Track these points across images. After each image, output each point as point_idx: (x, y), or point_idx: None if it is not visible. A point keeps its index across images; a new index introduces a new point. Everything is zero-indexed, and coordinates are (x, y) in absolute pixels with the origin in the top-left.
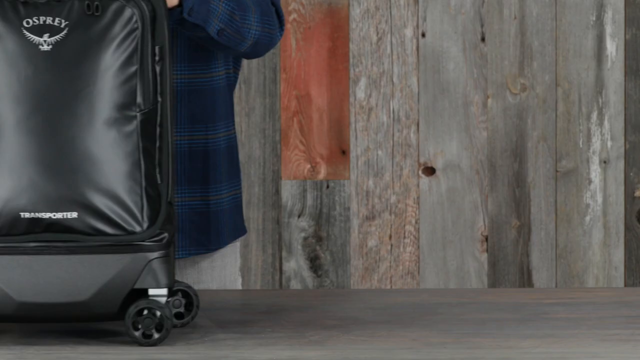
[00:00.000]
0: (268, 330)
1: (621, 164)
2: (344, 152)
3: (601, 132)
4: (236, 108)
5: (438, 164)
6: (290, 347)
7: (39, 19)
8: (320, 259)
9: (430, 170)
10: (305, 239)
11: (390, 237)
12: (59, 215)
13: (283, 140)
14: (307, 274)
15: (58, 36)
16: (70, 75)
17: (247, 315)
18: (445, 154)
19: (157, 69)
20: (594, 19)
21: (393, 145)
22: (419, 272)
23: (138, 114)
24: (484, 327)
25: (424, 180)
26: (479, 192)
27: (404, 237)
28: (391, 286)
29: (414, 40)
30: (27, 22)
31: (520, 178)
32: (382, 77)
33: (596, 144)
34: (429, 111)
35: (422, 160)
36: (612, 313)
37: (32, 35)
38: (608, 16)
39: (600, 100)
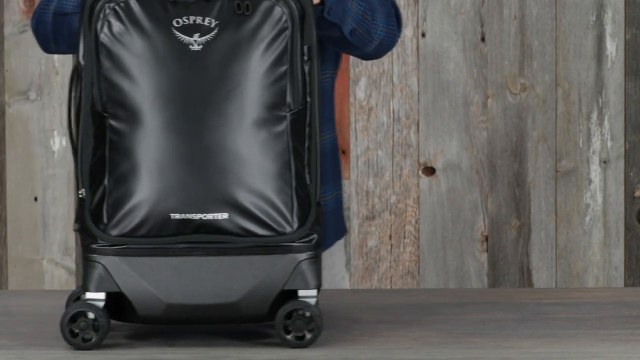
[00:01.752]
0: (268, 330)
1: (621, 164)
2: (344, 152)
3: (601, 132)
4: None
5: (438, 164)
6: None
7: (188, 19)
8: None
9: (430, 170)
10: None
11: (390, 237)
12: (209, 216)
13: None
14: None
15: (208, 36)
16: (220, 76)
17: None
18: (445, 154)
19: (306, 68)
20: (594, 19)
21: (393, 145)
22: (419, 272)
23: (288, 114)
24: (484, 327)
25: (424, 180)
26: (479, 192)
27: (404, 237)
28: (391, 286)
29: (414, 40)
30: (177, 22)
31: (520, 178)
32: (382, 77)
33: (596, 144)
34: (429, 111)
35: (422, 160)
36: (612, 313)
37: (182, 35)
38: (608, 16)
39: (600, 100)
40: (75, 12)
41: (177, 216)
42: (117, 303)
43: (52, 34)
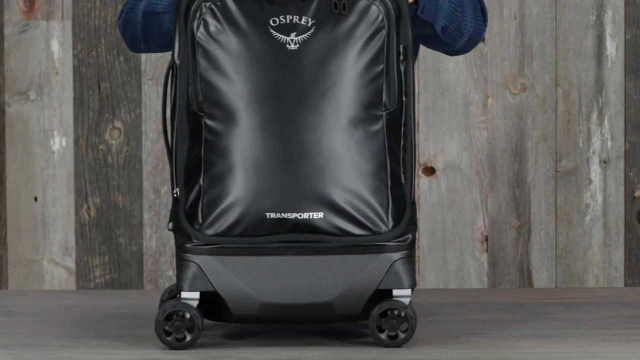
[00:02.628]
0: (268, 330)
1: (621, 164)
2: None
3: (601, 132)
4: None
5: (438, 164)
6: (290, 347)
7: (285, 18)
8: None
9: (430, 170)
10: None
11: None
12: (304, 216)
13: None
14: None
15: (305, 35)
16: (317, 75)
17: None
18: (445, 154)
19: (402, 68)
20: (594, 19)
21: None
22: (419, 272)
23: (384, 114)
24: (484, 327)
25: (424, 180)
26: (479, 192)
27: None
28: None
29: None
30: (274, 21)
31: (520, 178)
32: None
33: (596, 144)
34: (429, 111)
35: (422, 160)
36: (612, 313)
37: (278, 34)
38: (608, 16)
39: (600, 100)
40: (167, 11)
41: (273, 215)
42: (211, 302)
43: (141, 34)
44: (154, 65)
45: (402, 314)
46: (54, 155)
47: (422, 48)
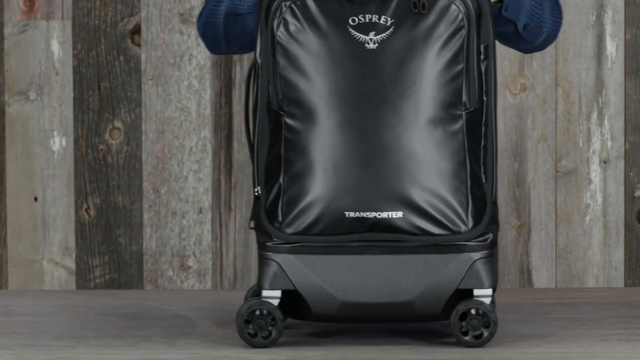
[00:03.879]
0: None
1: (621, 164)
2: None
3: (601, 132)
4: (236, 108)
5: None
6: (290, 347)
7: (364, 17)
8: None
9: None
10: None
11: None
12: (384, 215)
13: None
14: None
15: (384, 34)
16: (396, 74)
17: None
18: None
19: (482, 67)
20: (594, 19)
21: None
22: None
23: (464, 113)
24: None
25: None
26: None
27: None
28: None
29: None
30: (353, 20)
31: (520, 178)
32: None
33: (596, 144)
34: None
35: None
36: (612, 313)
37: (358, 34)
38: (608, 16)
39: (600, 100)
40: (250, 12)
41: (352, 214)
42: (292, 301)
43: (223, 35)
44: (154, 65)
45: (484, 313)
46: (54, 155)
47: None
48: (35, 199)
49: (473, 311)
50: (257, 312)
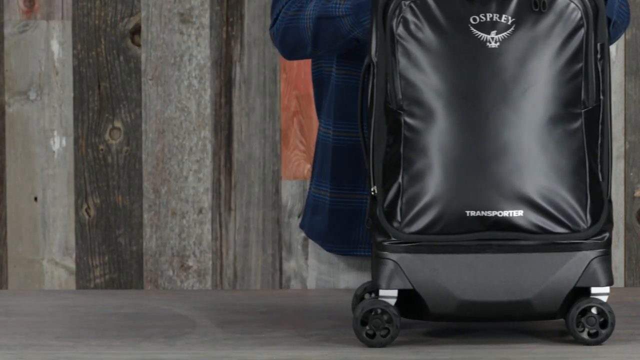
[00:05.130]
0: (268, 330)
1: (621, 164)
2: None
3: None
4: (236, 108)
5: None
6: (290, 347)
7: (485, 16)
8: None
9: None
10: (305, 239)
11: None
12: (504, 214)
13: (283, 140)
14: (307, 273)
15: (505, 33)
16: (517, 73)
17: (247, 315)
18: None
19: (599, 66)
20: None
21: None
22: None
23: (583, 112)
24: (484, 327)
25: None
26: None
27: None
28: None
29: None
30: (474, 19)
31: None
32: None
33: None
34: None
35: None
36: None
37: (479, 33)
38: None
39: None
40: (347, 14)
41: (472, 213)
42: (408, 300)
43: (311, 39)
44: (154, 65)
45: (602, 312)
46: (54, 155)
47: None
48: (35, 199)
49: (594, 310)
50: (374, 312)
